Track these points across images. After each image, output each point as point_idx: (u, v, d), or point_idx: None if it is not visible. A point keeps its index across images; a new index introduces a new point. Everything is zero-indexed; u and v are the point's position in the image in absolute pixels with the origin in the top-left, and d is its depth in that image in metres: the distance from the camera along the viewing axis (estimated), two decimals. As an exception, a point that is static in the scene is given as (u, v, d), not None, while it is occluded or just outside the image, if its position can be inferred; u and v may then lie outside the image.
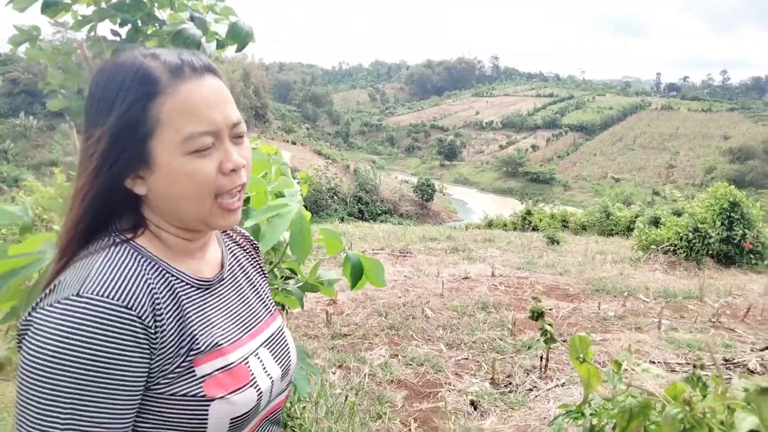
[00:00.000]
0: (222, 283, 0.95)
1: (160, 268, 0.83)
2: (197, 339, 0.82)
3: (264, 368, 0.91)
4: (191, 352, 0.81)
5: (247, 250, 1.10)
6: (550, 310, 6.18)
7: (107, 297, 0.72)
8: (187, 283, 0.86)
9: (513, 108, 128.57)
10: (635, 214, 16.34)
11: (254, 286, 1.04)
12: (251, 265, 1.08)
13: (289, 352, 1.02)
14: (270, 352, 0.96)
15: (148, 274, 0.79)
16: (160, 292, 0.80)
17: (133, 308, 0.73)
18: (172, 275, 0.84)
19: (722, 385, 0.97)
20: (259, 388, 0.88)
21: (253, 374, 0.88)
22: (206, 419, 0.79)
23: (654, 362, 4.60)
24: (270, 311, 1.04)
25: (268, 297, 1.07)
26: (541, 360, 4.39)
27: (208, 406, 0.79)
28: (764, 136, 72.29)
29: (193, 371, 0.80)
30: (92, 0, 2.08)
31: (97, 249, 0.80)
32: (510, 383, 4.15)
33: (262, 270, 1.11)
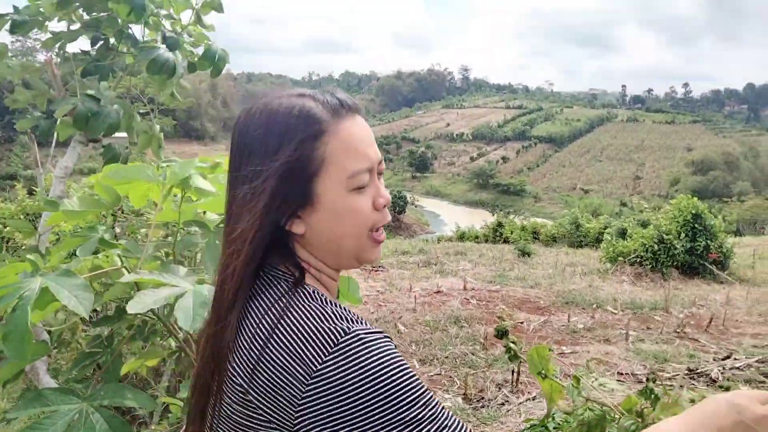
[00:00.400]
0: None
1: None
2: None
3: None
4: None
5: None
6: (522, 323, 6.27)
7: (369, 327, 0.74)
8: None
9: (483, 120, 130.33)
10: (604, 226, 16.70)
11: None
12: None
13: None
14: None
15: None
16: None
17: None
18: None
19: (671, 397, 1.04)
20: None
21: None
22: None
23: (621, 374, 4.71)
24: None
25: None
26: (512, 374, 4.46)
27: None
28: (724, 148, 74.71)
29: None
30: (65, 16, 2.08)
31: (285, 294, 0.78)
32: (482, 398, 4.20)
33: None
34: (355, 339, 0.69)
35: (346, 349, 0.68)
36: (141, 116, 2.29)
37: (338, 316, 0.73)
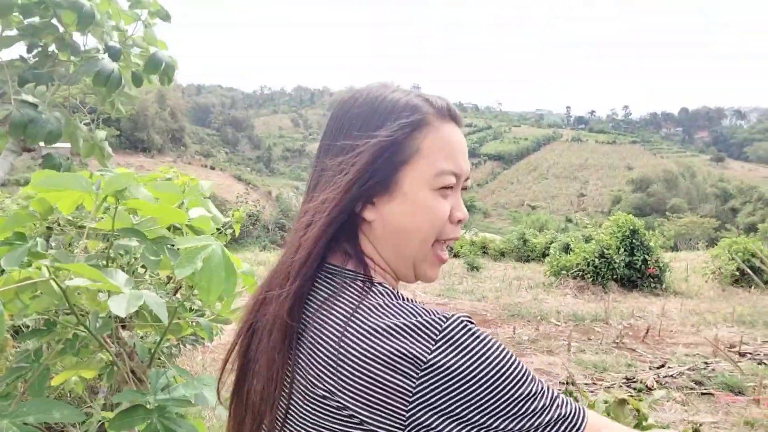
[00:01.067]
0: None
1: None
2: None
3: None
4: None
5: None
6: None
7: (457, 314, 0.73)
8: None
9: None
10: (549, 241, 17.18)
11: None
12: None
13: None
14: None
15: None
16: None
17: None
18: None
19: (588, 399, 1.09)
20: None
21: None
22: None
23: (563, 383, 4.84)
24: None
25: None
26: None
27: None
28: (662, 167, 78.33)
29: None
30: (1, 21, 2.01)
31: (361, 292, 0.76)
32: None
33: None
34: (456, 326, 0.68)
35: (450, 336, 0.67)
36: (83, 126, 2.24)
37: (423, 309, 0.71)
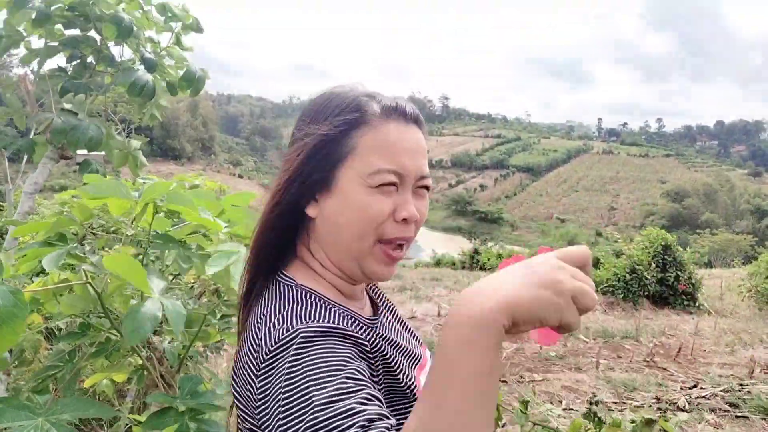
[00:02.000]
0: (380, 322, 0.94)
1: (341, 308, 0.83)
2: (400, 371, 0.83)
3: None
4: None
5: (375, 291, 1.07)
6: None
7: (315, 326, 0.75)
8: (362, 321, 0.85)
9: (462, 147, 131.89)
10: (578, 255, 16.90)
11: (402, 322, 1.04)
12: (388, 310, 1.06)
13: None
14: None
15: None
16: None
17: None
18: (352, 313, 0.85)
19: (614, 419, 1.08)
20: None
21: None
22: None
23: (591, 402, 4.74)
24: (420, 351, 1.00)
25: (416, 332, 1.06)
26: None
27: None
28: (696, 182, 76.53)
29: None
30: (44, 33, 2.09)
31: (272, 290, 0.82)
32: (453, 424, 4.18)
33: (394, 307, 1.10)
34: (286, 345, 0.68)
35: (275, 357, 0.68)
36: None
37: (291, 317, 0.73)
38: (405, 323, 1.06)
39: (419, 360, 0.94)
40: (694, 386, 5.10)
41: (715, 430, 4.15)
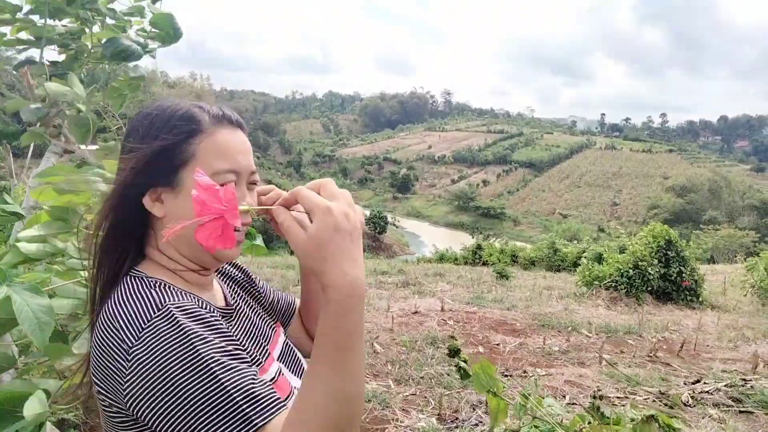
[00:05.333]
0: (234, 311, 1.06)
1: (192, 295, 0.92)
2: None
3: (289, 381, 1.02)
4: None
5: (238, 277, 1.21)
6: (498, 345, 6.29)
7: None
8: (216, 309, 0.95)
9: (464, 143, 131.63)
10: (582, 250, 16.87)
11: (254, 309, 1.15)
12: (244, 290, 1.19)
13: (301, 362, 1.13)
14: (285, 365, 1.06)
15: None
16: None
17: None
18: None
19: (618, 414, 1.07)
20: None
21: (292, 385, 0.99)
22: None
23: (595, 397, 4.74)
24: (273, 329, 1.14)
25: (268, 316, 1.18)
26: (486, 395, 4.45)
27: None
28: (699, 177, 76.27)
29: None
30: (34, 31, 2.07)
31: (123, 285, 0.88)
32: (457, 418, 4.18)
33: (257, 290, 1.23)
34: (161, 320, 0.79)
35: (151, 331, 0.78)
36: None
37: (153, 300, 0.82)
38: (256, 308, 1.17)
39: (268, 344, 1.07)
40: (698, 381, 5.10)
41: (719, 425, 4.14)
